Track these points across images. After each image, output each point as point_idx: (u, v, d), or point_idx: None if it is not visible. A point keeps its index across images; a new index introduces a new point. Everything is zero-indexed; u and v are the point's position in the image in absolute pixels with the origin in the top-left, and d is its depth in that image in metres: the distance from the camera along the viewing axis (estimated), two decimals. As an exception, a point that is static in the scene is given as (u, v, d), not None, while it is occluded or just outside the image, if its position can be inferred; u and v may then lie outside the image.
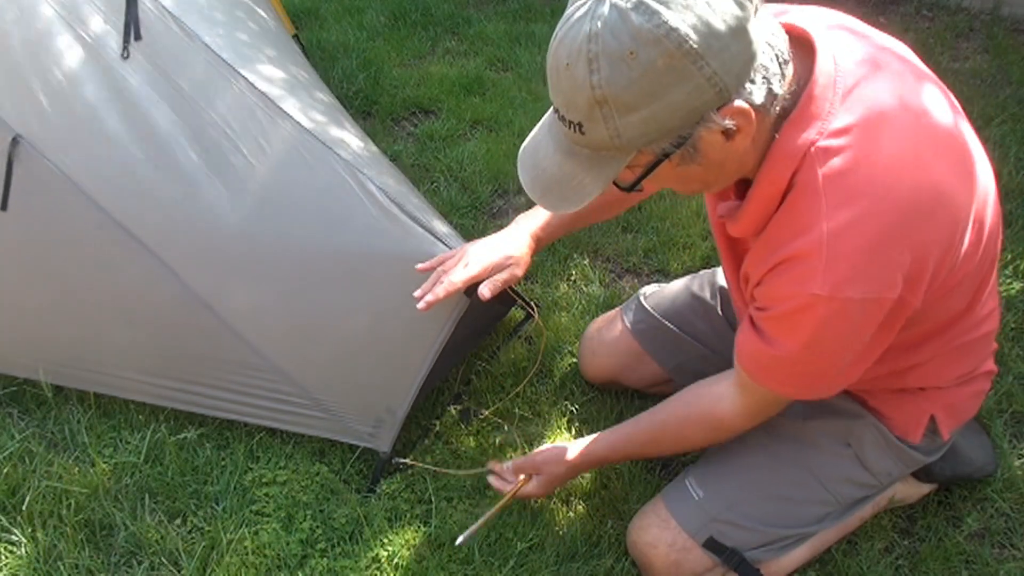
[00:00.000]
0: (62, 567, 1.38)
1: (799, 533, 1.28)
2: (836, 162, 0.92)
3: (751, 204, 0.99)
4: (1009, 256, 1.96)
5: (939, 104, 1.00)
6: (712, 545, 1.25)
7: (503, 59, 2.86)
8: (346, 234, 1.49)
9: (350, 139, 1.63)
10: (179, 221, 1.49)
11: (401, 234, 1.48)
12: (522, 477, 1.35)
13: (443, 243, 1.47)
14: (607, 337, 1.62)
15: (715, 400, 1.19)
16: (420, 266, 1.40)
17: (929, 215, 0.93)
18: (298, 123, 1.53)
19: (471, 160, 2.36)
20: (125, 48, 1.52)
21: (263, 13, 1.99)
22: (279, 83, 1.63)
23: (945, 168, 0.95)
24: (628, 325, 1.58)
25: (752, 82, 0.86)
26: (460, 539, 1.32)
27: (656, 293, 1.60)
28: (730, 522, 1.25)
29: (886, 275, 0.93)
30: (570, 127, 0.89)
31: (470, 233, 2.08)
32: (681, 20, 0.79)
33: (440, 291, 1.32)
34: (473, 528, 1.32)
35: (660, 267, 2.02)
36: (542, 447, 1.38)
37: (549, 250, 2.05)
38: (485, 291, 1.32)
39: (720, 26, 0.80)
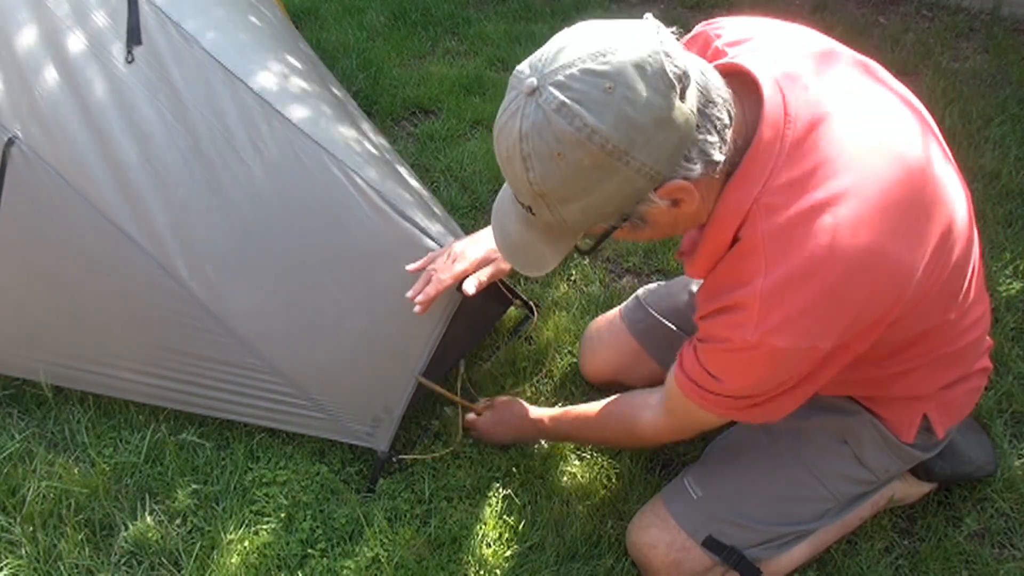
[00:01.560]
0: (62, 567, 1.38)
1: (798, 531, 1.28)
2: (777, 219, 0.92)
3: (701, 253, 1.03)
4: (1009, 256, 1.95)
5: (903, 140, 0.98)
6: (711, 544, 1.25)
7: (503, 59, 2.86)
8: (342, 235, 1.50)
9: (350, 138, 1.63)
10: (176, 222, 1.49)
11: (396, 235, 1.48)
12: (482, 403, 1.54)
13: (437, 243, 1.47)
14: (607, 337, 1.62)
15: (642, 407, 1.26)
16: (410, 267, 1.41)
17: (872, 275, 0.93)
18: (295, 125, 1.53)
19: (471, 160, 2.36)
20: (129, 52, 1.52)
21: (266, 10, 1.98)
22: (279, 84, 1.62)
23: (895, 222, 0.93)
24: (628, 325, 1.58)
25: (688, 159, 0.87)
26: (417, 374, 1.44)
27: (655, 292, 1.60)
28: (729, 521, 1.26)
29: (818, 331, 0.94)
30: (522, 206, 0.94)
31: (469, 233, 2.08)
32: (601, 121, 0.81)
33: (431, 290, 1.34)
34: (428, 381, 1.46)
35: (660, 267, 2.02)
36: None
37: (549, 250, 2.04)
38: (469, 287, 1.33)
39: (642, 120, 0.82)
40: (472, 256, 1.35)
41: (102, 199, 1.47)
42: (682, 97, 0.84)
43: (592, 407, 1.36)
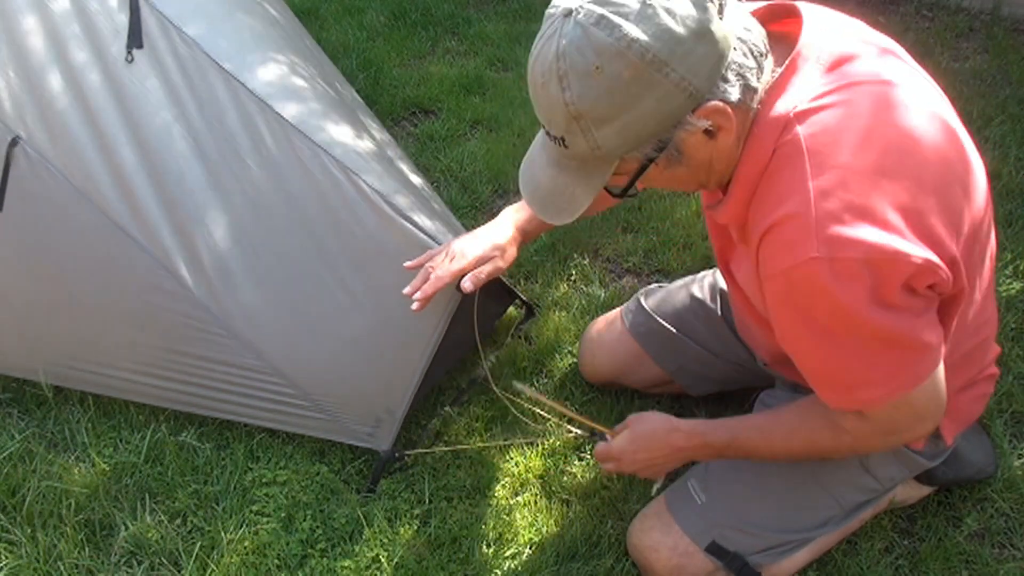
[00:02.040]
0: (62, 567, 1.38)
1: (802, 538, 1.28)
2: (818, 119, 0.89)
3: (736, 184, 0.97)
4: (1009, 256, 1.96)
5: (936, 96, 0.98)
6: (715, 549, 1.25)
7: (503, 59, 2.86)
8: (343, 236, 1.50)
9: (352, 138, 1.63)
10: (177, 223, 1.49)
11: (397, 235, 1.48)
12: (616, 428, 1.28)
13: (437, 243, 1.47)
14: (607, 338, 1.61)
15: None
16: (408, 263, 1.40)
17: (922, 158, 0.90)
18: (295, 127, 1.53)
19: (471, 160, 2.36)
20: (129, 53, 1.53)
21: (271, 7, 1.98)
22: (280, 84, 1.63)
23: (937, 131, 0.93)
24: (628, 327, 1.58)
25: (725, 80, 0.86)
26: (520, 387, 1.33)
27: (656, 295, 1.59)
28: (734, 527, 1.25)
29: (887, 227, 0.86)
30: (555, 141, 0.91)
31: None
32: (641, 31, 0.80)
33: (429, 288, 1.32)
34: (533, 393, 1.34)
35: (660, 267, 2.02)
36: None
37: (549, 250, 2.05)
38: (467, 284, 1.32)
39: (681, 31, 0.81)
40: (470, 254, 1.34)
41: (104, 199, 1.48)
42: (720, 14, 0.84)
43: (775, 410, 1.19)
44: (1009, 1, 3.00)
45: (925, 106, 0.94)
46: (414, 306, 1.33)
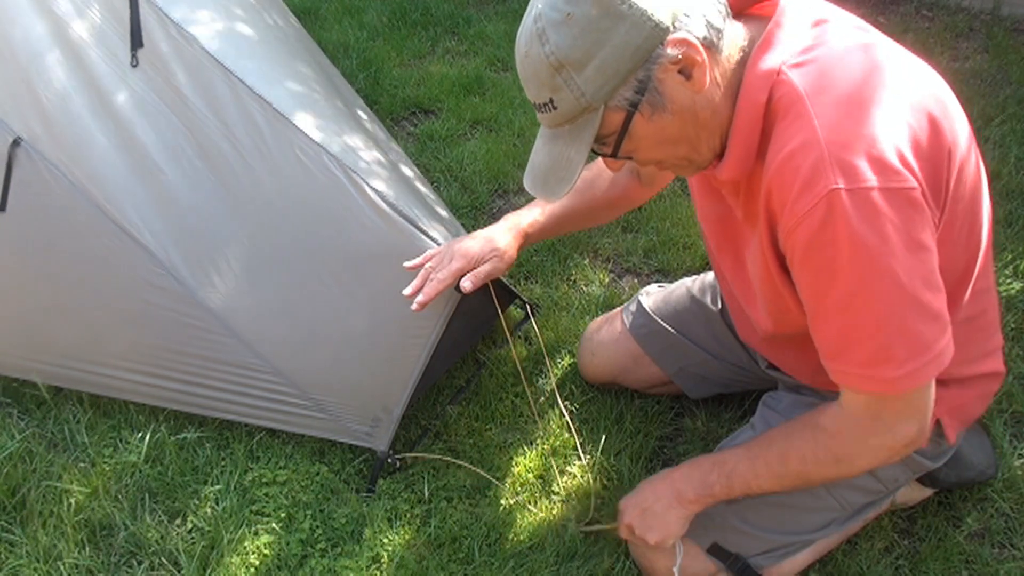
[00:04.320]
0: (62, 567, 1.38)
1: (803, 540, 1.28)
2: (810, 68, 0.94)
3: (735, 137, 0.98)
4: (1009, 256, 1.96)
5: (928, 70, 1.01)
6: (716, 551, 1.25)
7: (503, 59, 2.86)
8: (343, 236, 1.50)
9: (353, 139, 1.63)
10: (179, 223, 1.49)
11: (397, 236, 1.48)
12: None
13: (438, 244, 1.47)
14: (606, 338, 1.62)
15: (817, 411, 1.10)
16: (407, 264, 1.40)
17: (912, 86, 0.94)
18: (296, 127, 1.53)
19: (471, 160, 2.36)
20: (134, 56, 1.53)
21: (270, 9, 1.99)
22: (281, 85, 1.63)
23: (925, 82, 0.97)
24: (629, 328, 1.58)
25: (687, 16, 0.91)
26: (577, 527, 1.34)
27: (657, 295, 1.59)
28: (735, 529, 1.25)
29: (895, 155, 0.88)
30: (545, 110, 0.97)
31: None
32: None
33: (430, 290, 1.33)
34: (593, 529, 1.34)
35: (660, 267, 2.02)
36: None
37: (549, 250, 2.05)
38: (466, 283, 1.32)
39: None
40: (469, 254, 1.35)
41: (104, 200, 1.48)
42: None
43: (761, 436, 1.16)
44: (1009, 1, 3.00)
45: (904, 55, 0.99)
46: (414, 307, 1.33)
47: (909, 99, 0.93)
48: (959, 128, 0.98)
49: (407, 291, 1.35)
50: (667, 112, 0.95)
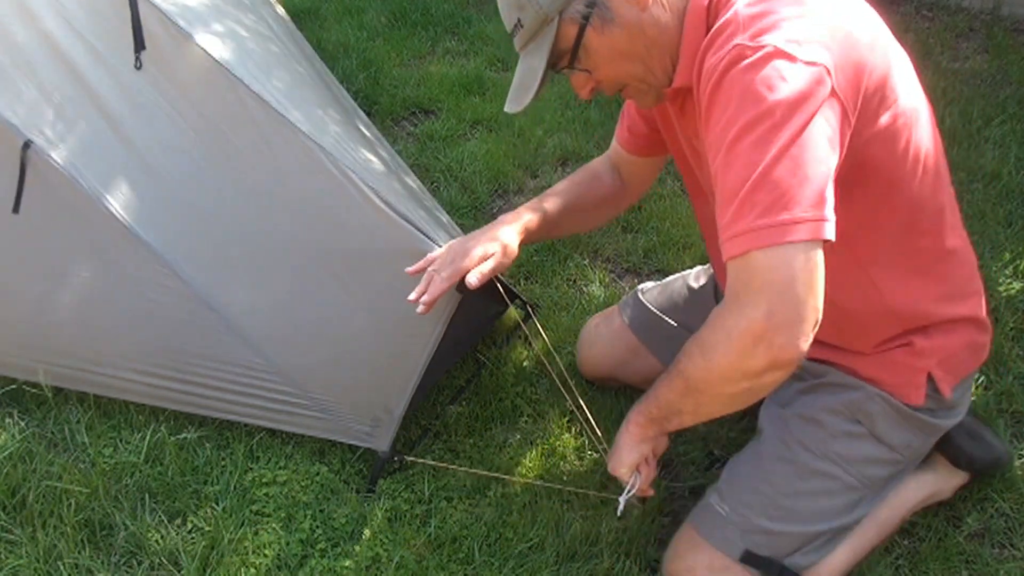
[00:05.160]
0: (62, 567, 1.38)
1: (833, 528, 1.25)
2: None
3: (684, 47, 1.06)
4: (1008, 256, 1.96)
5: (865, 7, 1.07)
6: (750, 558, 1.23)
7: (503, 59, 2.86)
8: (343, 236, 1.50)
9: (352, 141, 1.64)
10: (182, 223, 1.49)
11: (397, 236, 1.48)
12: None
13: (437, 244, 1.47)
14: (604, 333, 1.62)
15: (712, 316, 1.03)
16: (409, 269, 1.39)
17: (856, 21, 1.00)
18: (297, 128, 1.53)
19: (471, 160, 2.36)
20: (137, 59, 1.54)
21: (267, 11, 1.99)
22: (281, 85, 1.63)
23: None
24: (627, 321, 1.58)
25: None
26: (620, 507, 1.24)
27: (654, 289, 1.60)
28: (762, 531, 1.23)
29: (806, 36, 0.93)
30: (516, 32, 1.10)
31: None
32: None
33: (435, 291, 1.31)
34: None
35: (660, 267, 2.02)
36: None
37: (549, 250, 2.05)
38: (472, 279, 1.30)
39: None
40: (472, 251, 1.34)
41: (111, 200, 1.48)
42: None
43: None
44: (1009, 1, 3.00)
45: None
46: (420, 309, 1.32)
47: (846, 20, 0.98)
48: (883, 50, 1.03)
49: (412, 296, 1.34)
50: (616, 26, 1.04)
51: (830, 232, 0.90)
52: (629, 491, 1.22)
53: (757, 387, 0.98)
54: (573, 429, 1.63)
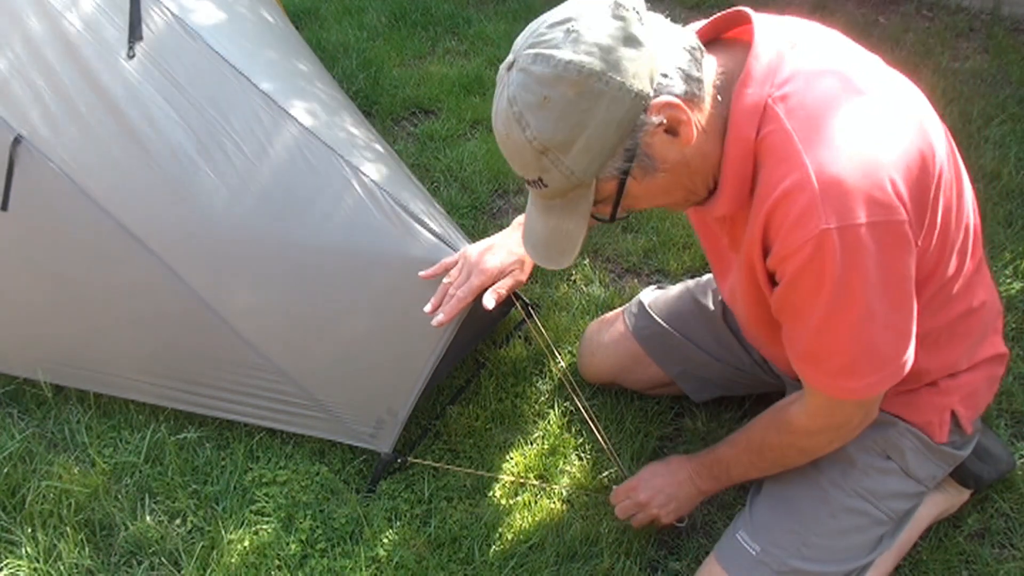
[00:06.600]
0: (62, 567, 1.38)
1: (860, 566, 1.24)
2: (794, 100, 0.94)
3: (727, 175, 0.99)
4: (1009, 256, 1.96)
5: (904, 83, 1.03)
6: None
7: (503, 59, 2.85)
8: (348, 235, 1.49)
9: (354, 139, 1.63)
10: (181, 221, 1.49)
11: (403, 236, 1.48)
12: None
13: (446, 245, 1.47)
14: (607, 339, 1.61)
15: (787, 403, 1.19)
16: (423, 273, 1.40)
17: (900, 122, 0.96)
18: (301, 124, 1.53)
19: (471, 160, 2.36)
20: (131, 48, 1.52)
21: (266, 10, 1.99)
22: (282, 82, 1.63)
23: (902, 95, 1.00)
24: (631, 329, 1.57)
25: (665, 76, 0.91)
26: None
27: (659, 297, 1.59)
28: (795, 570, 1.21)
29: (882, 189, 0.91)
30: (536, 186, 0.97)
31: (470, 233, 2.08)
32: (573, 52, 0.87)
33: (450, 309, 1.35)
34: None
35: (660, 267, 2.02)
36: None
37: (549, 250, 2.04)
38: (489, 302, 1.33)
39: (607, 41, 0.87)
40: (489, 268, 1.34)
41: (106, 197, 1.47)
42: (640, 21, 0.90)
43: (738, 433, 1.27)
44: (1009, 1, 3.00)
45: (878, 72, 1.01)
46: (434, 323, 1.36)
47: (893, 126, 0.95)
48: (937, 142, 1.00)
49: (427, 308, 1.37)
50: (659, 171, 0.96)
51: (908, 367, 1.03)
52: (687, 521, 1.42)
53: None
54: (573, 429, 1.63)
